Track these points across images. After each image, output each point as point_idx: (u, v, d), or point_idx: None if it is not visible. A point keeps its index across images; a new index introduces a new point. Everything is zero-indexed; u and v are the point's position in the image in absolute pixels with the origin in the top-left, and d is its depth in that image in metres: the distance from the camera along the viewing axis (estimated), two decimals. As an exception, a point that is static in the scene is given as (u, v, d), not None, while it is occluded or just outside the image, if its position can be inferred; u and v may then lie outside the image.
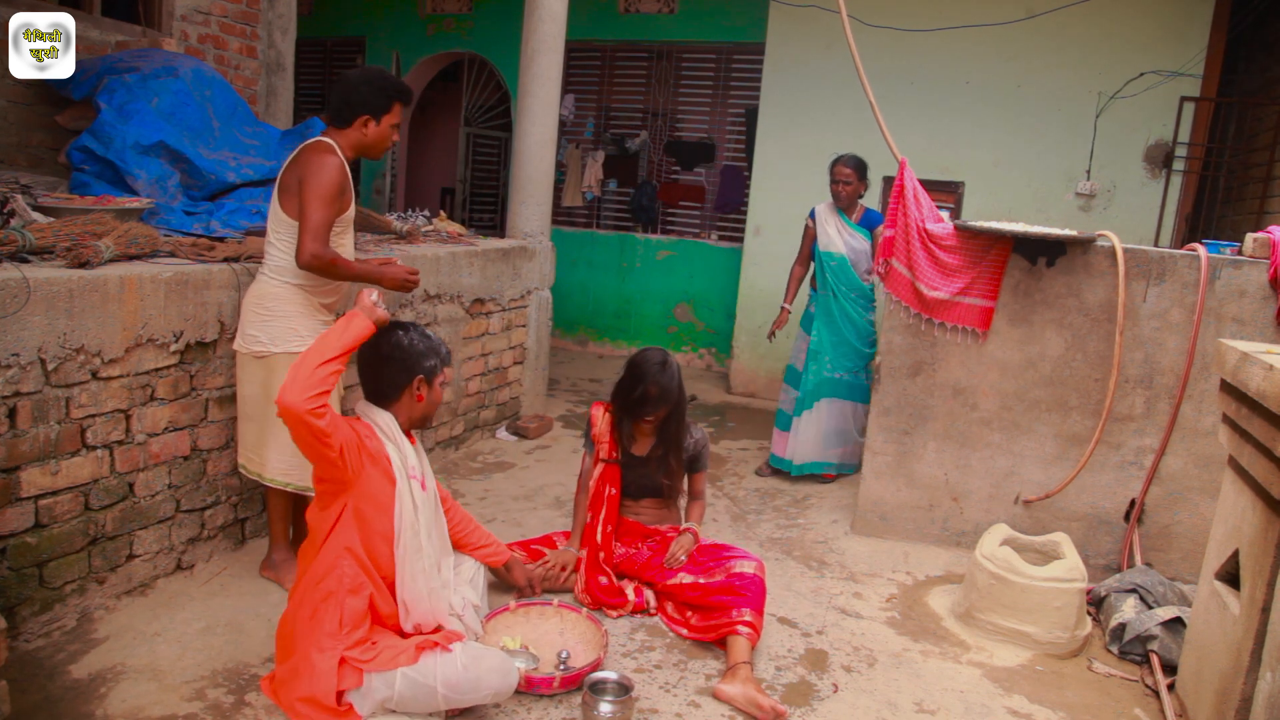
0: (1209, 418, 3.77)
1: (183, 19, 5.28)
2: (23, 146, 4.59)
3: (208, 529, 3.46)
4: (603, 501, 3.48)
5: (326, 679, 2.42)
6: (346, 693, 2.44)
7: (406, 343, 2.70)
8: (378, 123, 3.14)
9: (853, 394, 5.01)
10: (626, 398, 3.42)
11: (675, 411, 3.44)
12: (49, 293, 2.70)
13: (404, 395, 2.72)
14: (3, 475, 2.67)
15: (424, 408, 2.78)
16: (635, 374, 3.40)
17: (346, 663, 2.44)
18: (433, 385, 2.77)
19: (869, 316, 4.99)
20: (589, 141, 8.58)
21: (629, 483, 3.54)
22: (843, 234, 4.94)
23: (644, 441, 3.54)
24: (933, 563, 4.08)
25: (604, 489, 3.49)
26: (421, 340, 2.74)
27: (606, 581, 3.38)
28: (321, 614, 2.49)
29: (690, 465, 3.60)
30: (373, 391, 2.74)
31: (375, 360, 2.71)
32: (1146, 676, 3.20)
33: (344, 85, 3.13)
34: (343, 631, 2.48)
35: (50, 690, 2.59)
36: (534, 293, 5.72)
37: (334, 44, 9.67)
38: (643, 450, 3.53)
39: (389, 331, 2.71)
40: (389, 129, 3.18)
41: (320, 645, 2.46)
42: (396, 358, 2.69)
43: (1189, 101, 5.99)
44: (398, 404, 2.73)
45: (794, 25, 6.84)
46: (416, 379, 2.72)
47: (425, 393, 2.76)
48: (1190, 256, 3.78)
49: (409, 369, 2.70)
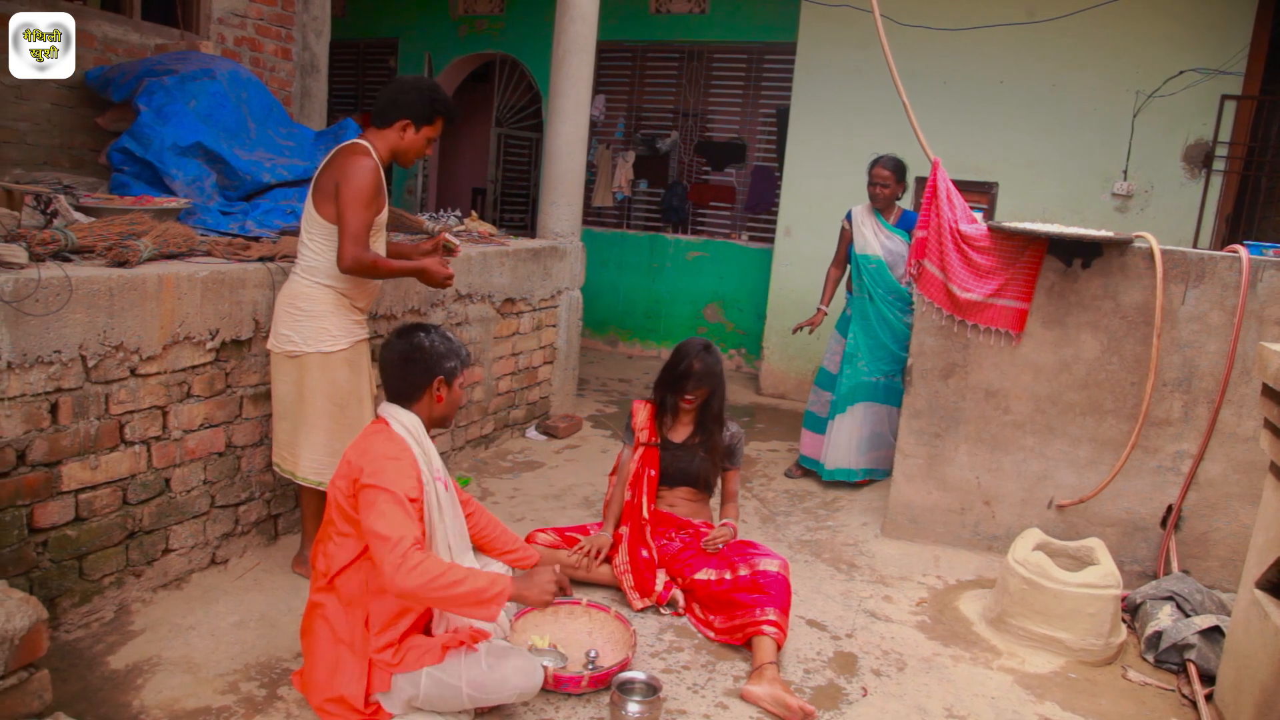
0: (1250, 423, 3.70)
1: (220, 22, 5.35)
2: (65, 148, 4.68)
3: (241, 524, 3.51)
4: (643, 482, 3.55)
5: (356, 682, 2.44)
6: (374, 693, 2.46)
7: (427, 344, 2.69)
8: (416, 130, 3.17)
9: (889, 398, 4.94)
10: (671, 374, 3.55)
11: (716, 395, 3.57)
12: (89, 291, 2.75)
13: (424, 396, 2.72)
14: (44, 469, 2.73)
15: (444, 409, 2.77)
16: (680, 353, 3.55)
17: (375, 665, 2.46)
18: (453, 386, 2.76)
19: (906, 319, 4.91)
20: (619, 142, 8.59)
21: (666, 468, 3.61)
22: (879, 236, 4.89)
23: (683, 429, 3.63)
24: (964, 567, 4.04)
25: (644, 470, 3.56)
26: (442, 342, 2.74)
27: (648, 555, 3.43)
28: (348, 618, 2.50)
29: (727, 458, 3.65)
30: (395, 392, 2.74)
31: (397, 362, 2.70)
32: (1183, 686, 3.15)
33: (394, 86, 3.18)
34: (371, 633, 2.49)
35: (89, 680, 2.64)
36: (564, 293, 5.73)
37: (367, 46, 9.76)
38: (681, 438, 3.62)
39: (410, 333, 2.73)
40: (425, 140, 3.21)
41: (353, 647, 2.48)
42: (417, 359, 2.69)
43: (1230, 100, 5.88)
44: (418, 405, 2.73)
45: (826, 25, 6.81)
46: (436, 380, 2.70)
47: (445, 394, 2.75)
48: (1231, 258, 3.71)
49: (430, 370, 2.69)
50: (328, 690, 2.47)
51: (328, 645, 2.50)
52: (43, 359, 2.65)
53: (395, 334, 2.73)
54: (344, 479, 2.49)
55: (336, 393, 3.19)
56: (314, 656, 2.54)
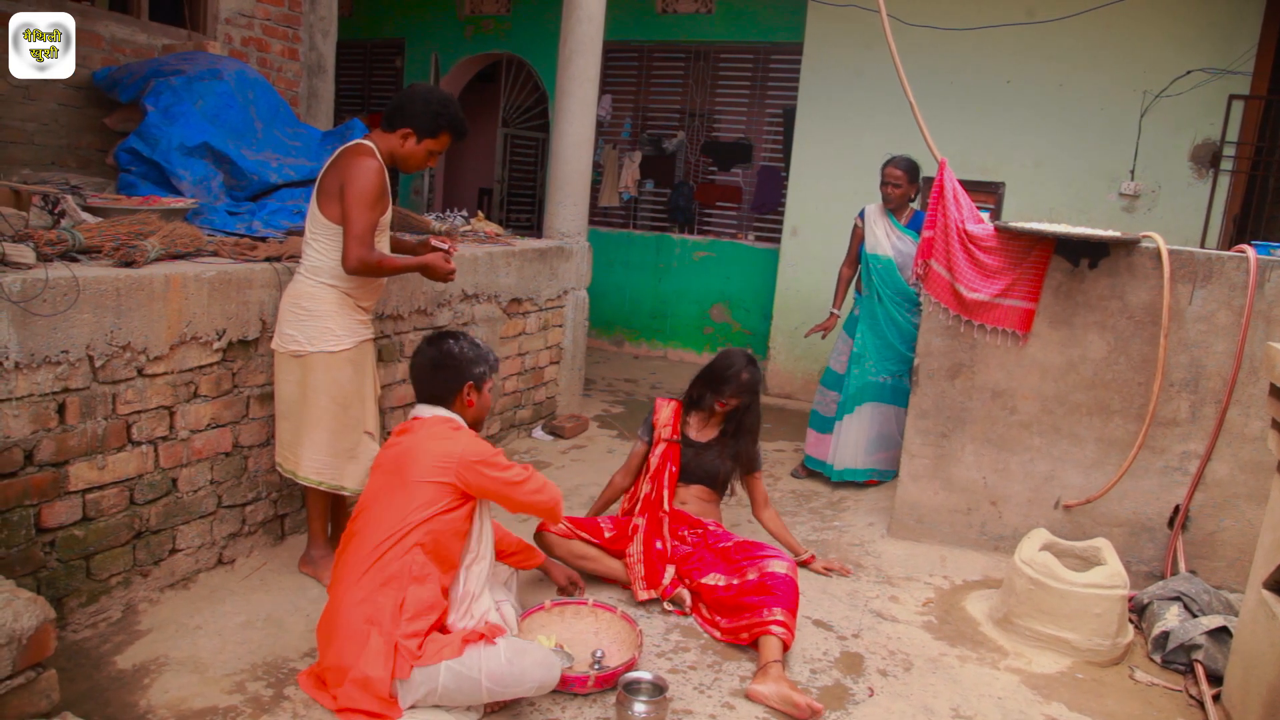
0: (1257, 423, 3.68)
1: (227, 22, 5.37)
2: (73, 148, 4.70)
3: (248, 524, 3.51)
4: (664, 476, 3.61)
5: (383, 664, 2.45)
6: (393, 682, 2.46)
7: (457, 350, 2.81)
8: (418, 141, 3.16)
9: (896, 398, 4.93)
10: (716, 376, 3.64)
11: (753, 408, 3.70)
12: (97, 291, 2.76)
13: (455, 401, 2.82)
14: (52, 469, 2.73)
15: (475, 412, 2.87)
16: (728, 358, 3.67)
17: (400, 650, 2.47)
18: (482, 391, 2.87)
19: (915, 320, 4.87)
20: (626, 142, 8.59)
21: (686, 464, 3.66)
22: (891, 236, 4.87)
23: (707, 430, 3.71)
24: (970, 567, 4.03)
25: (665, 465, 3.62)
26: (471, 349, 2.85)
27: (662, 547, 3.46)
28: (381, 599, 2.51)
29: (749, 464, 3.72)
30: (428, 396, 2.83)
31: (427, 368, 2.82)
32: (1190, 687, 3.14)
33: (407, 93, 3.17)
34: (403, 617, 2.51)
35: (97, 680, 2.65)
36: (570, 293, 5.74)
37: (374, 46, 9.78)
38: (704, 438, 3.69)
39: (440, 340, 2.83)
40: (426, 152, 3.19)
41: (382, 628, 2.48)
42: (448, 365, 2.80)
43: (1238, 100, 5.85)
44: (450, 409, 2.82)
45: (832, 25, 6.80)
46: (467, 385, 2.81)
47: (475, 399, 2.85)
48: (1238, 258, 3.70)
49: (460, 375, 2.80)
50: (353, 670, 2.46)
51: (357, 624, 2.50)
52: (50, 359, 2.66)
53: (426, 341, 2.87)
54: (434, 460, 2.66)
55: (340, 393, 3.20)
56: (337, 639, 2.52)
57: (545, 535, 3.46)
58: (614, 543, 3.53)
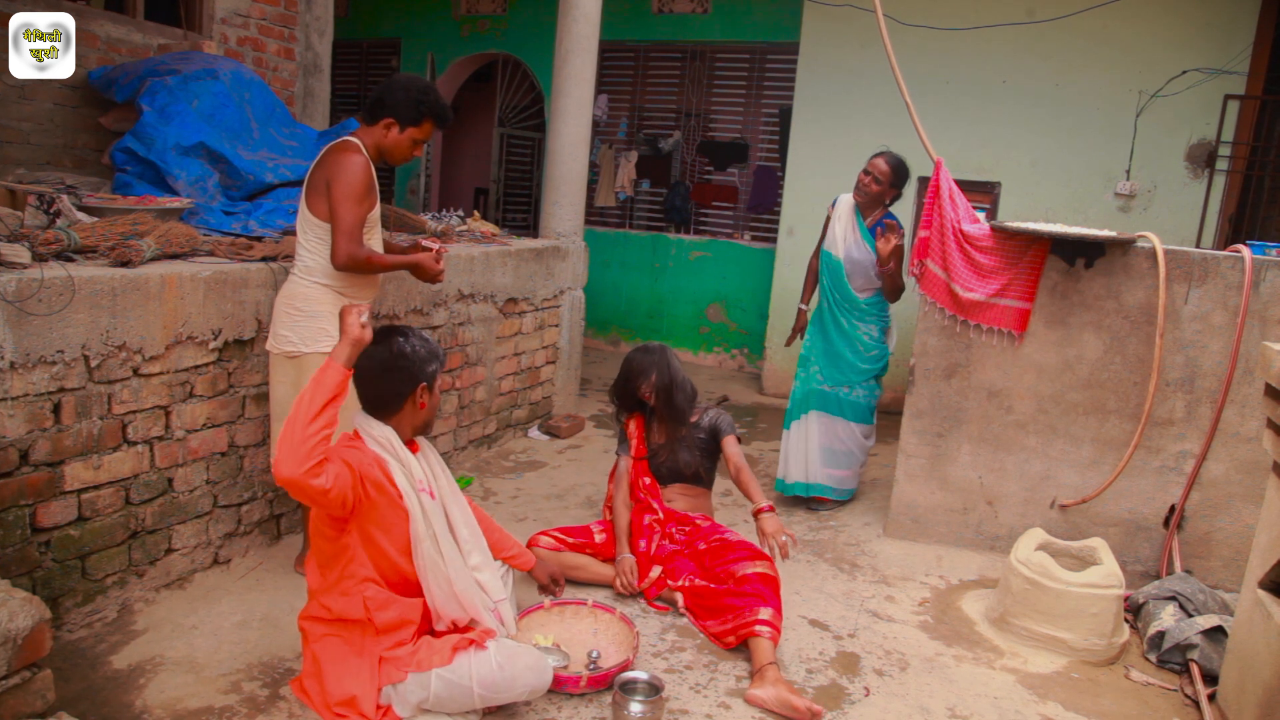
0: (1252, 422, 3.69)
1: (223, 22, 5.36)
2: (69, 148, 4.69)
3: (244, 524, 3.51)
4: (639, 489, 3.62)
5: (367, 682, 2.43)
6: (383, 693, 2.45)
7: (409, 350, 2.57)
8: (400, 130, 3.12)
9: (844, 411, 4.50)
10: (624, 378, 3.66)
11: (669, 386, 3.58)
12: (92, 291, 2.75)
13: (406, 405, 2.60)
14: (47, 469, 2.73)
15: (426, 414, 2.67)
16: (625, 359, 3.71)
17: (385, 662, 2.45)
18: (434, 391, 2.67)
19: (866, 330, 4.49)
20: (622, 142, 8.59)
21: (657, 468, 3.67)
22: (849, 238, 4.48)
23: (662, 430, 3.70)
24: (966, 566, 4.04)
25: (639, 480, 3.64)
26: (422, 345, 2.61)
27: (645, 547, 3.49)
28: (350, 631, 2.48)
29: (712, 435, 3.67)
30: (373, 402, 2.59)
31: (377, 370, 2.55)
32: (1186, 686, 3.14)
33: (387, 83, 3.15)
34: (379, 639, 2.48)
35: (92, 680, 2.64)
36: (567, 292, 5.73)
37: (370, 46, 9.77)
38: (661, 437, 3.70)
39: (388, 338, 2.58)
40: (410, 141, 3.16)
41: (359, 650, 2.46)
42: (400, 366, 2.55)
43: (1233, 100, 5.87)
44: (399, 415, 2.60)
45: (828, 25, 6.80)
46: (420, 386, 2.59)
47: (428, 399, 2.65)
48: (1234, 258, 3.71)
49: (413, 377, 2.58)
50: (338, 693, 2.44)
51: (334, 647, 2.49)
52: (46, 359, 2.65)
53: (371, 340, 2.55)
54: None
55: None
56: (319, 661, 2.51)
57: (534, 550, 3.41)
58: (605, 548, 3.56)
